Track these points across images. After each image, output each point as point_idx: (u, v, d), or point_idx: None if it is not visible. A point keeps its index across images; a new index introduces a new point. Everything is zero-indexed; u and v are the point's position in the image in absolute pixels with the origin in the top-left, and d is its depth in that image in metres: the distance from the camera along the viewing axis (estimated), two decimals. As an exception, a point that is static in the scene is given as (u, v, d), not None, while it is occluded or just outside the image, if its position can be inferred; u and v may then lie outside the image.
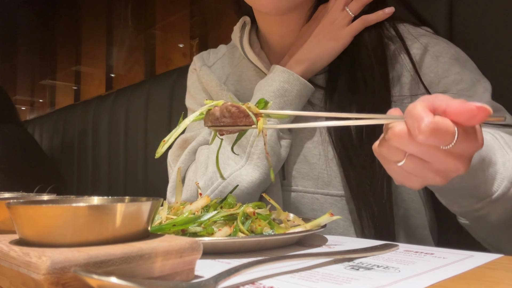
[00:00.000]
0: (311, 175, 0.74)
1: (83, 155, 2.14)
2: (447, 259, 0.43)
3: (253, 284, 0.34)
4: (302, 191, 0.75)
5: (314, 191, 0.74)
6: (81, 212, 0.32)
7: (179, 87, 1.56)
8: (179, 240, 0.35)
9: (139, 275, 0.31)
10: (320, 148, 0.74)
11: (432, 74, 0.71)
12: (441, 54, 0.71)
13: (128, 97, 1.85)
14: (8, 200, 0.38)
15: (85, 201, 0.42)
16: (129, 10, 3.01)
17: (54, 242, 0.32)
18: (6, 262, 0.32)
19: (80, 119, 2.19)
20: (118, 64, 3.17)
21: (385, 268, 0.40)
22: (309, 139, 0.75)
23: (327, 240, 0.57)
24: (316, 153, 0.74)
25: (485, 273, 0.39)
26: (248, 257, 0.45)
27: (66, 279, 0.28)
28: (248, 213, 0.53)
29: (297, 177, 0.75)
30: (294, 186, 0.76)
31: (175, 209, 0.56)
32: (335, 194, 0.73)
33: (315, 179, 0.74)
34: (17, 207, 0.32)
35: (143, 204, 0.35)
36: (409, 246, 0.51)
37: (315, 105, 0.76)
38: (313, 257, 0.42)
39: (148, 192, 1.65)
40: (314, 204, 0.74)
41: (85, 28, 3.50)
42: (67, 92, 3.91)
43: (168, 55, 2.77)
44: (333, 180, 0.73)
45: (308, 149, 0.75)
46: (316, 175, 0.74)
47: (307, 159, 0.75)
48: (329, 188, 0.73)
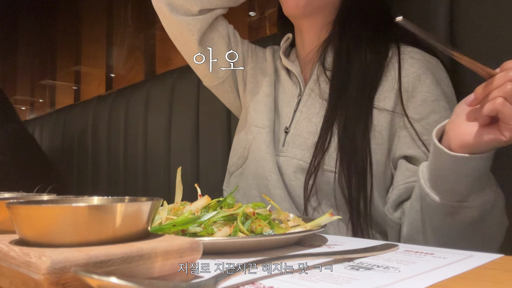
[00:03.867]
0: (302, 146, 0.84)
1: (83, 155, 2.14)
2: (447, 259, 0.43)
3: (253, 284, 0.34)
4: (290, 157, 0.84)
5: (300, 159, 0.83)
6: (81, 212, 0.32)
7: (179, 87, 1.56)
8: (179, 240, 0.35)
9: (139, 275, 0.31)
10: (315, 128, 0.83)
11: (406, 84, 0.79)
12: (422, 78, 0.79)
13: (128, 97, 1.85)
14: (8, 200, 0.38)
15: (85, 201, 0.42)
16: (129, 10, 3.01)
17: (54, 242, 0.32)
18: (6, 262, 0.32)
19: (80, 119, 2.19)
20: (118, 64, 3.17)
21: (385, 268, 0.40)
22: (310, 119, 0.85)
23: (327, 240, 0.57)
24: (310, 130, 0.84)
25: (485, 273, 0.39)
26: (248, 257, 0.45)
27: (66, 279, 0.28)
28: (248, 213, 0.53)
29: (292, 146, 0.85)
30: (287, 153, 0.85)
31: (175, 209, 0.56)
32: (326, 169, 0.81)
33: (304, 150, 0.83)
34: (17, 207, 0.32)
35: (143, 204, 0.35)
36: (409, 246, 0.51)
37: (321, 97, 0.85)
38: (313, 257, 0.42)
39: (148, 192, 1.65)
40: (296, 167, 0.83)
41: (85, 28, 3.50)
42: (67, 92, 3.91)
43: (168, 55, 2.76)
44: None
45: (306, 127, 0.85)
46: (306, 147, 0.83)
47: (302, 134, 0.85)
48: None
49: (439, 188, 0.63)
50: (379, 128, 0.79)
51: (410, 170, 0.76)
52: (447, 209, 0.63)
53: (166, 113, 1.58)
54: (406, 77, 0.79)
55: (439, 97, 0.78)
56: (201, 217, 0.50)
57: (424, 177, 0.66)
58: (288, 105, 0.92)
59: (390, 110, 0.79)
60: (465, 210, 0.62)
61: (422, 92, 0.78)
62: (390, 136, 0.79)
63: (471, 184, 0.60)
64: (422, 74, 0.79)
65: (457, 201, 0.62)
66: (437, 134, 0.64)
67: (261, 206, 0.55)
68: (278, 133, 0.91)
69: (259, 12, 2.13)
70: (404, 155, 0.78)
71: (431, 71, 0.80)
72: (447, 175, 0.61)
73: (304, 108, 0.88)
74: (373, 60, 0.82)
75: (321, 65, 0.87)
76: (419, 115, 0.78)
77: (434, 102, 0.77)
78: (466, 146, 0.58)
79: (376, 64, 0.82)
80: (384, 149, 0.79)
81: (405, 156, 0.78)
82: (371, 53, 0.82)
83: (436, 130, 0.64)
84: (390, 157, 0.80)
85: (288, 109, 0.91)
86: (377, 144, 0.79)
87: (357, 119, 0.79)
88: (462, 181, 0.60)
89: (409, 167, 0.77)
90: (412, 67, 0.80)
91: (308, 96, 0.88)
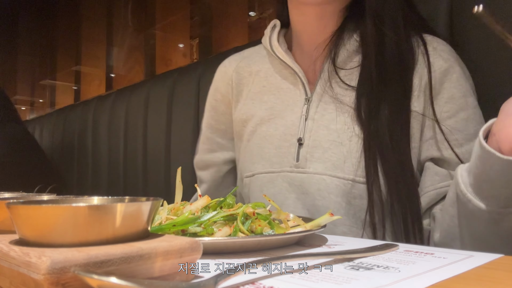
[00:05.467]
0: (322, 158, 0.74)
1: (83, 155, 2.14)
2: (447, 259, 0.43)
3: (253, 284, 0.34)
4: (311, 173, 0.75)
5: (322, 173, 0.74)
6: (81, 212, 0.32)
7: (179, 87, 1.56)
8: (179, 240, 0.35)
9: (139, 275, 0.31)
10: (335, 135, 0.74)
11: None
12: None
13: (128, 97, 1.85)
14: (8, 200, 0.38)
15: (85, 201, 0.42)
16: (129, 10, 3.01)
17: (54, 242, 0.32)
18: (6, 262, 0.31)
19: (80, 119, 2.19)
20: (118, 64, 3.17)
21: (385, 268, 0.40)
22: (327, 126, 0.76)
23: (327, 240, 0.57)
24: (330, 139, 0.74)
25: (485, 273, 0.39)
26: (248, 257, 0.45)
27: (66, 279, 0.28)
28: (248, 213, 0.53)
29: (310, 160, 0.75)
30: (306, 168, 0.76)
31: (175, 209, 0.56)
32: (341, 177, 0.72)
33: (326, 162, 0.74)
34: (17, 207, 0.32)
35: (143, 204, 0.35)
36: (409, 246, 0.51)
37: (337, 100, 0.76)
38: (313, 257, 0.42)
39: (147, 192, 1.65)
40: (320, 184, 0.74)
41: (85, 28, 3.50)
42: (67, 92, 3.92)
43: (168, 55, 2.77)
44: (343, 164, 0.73)
45: (323, 135, 0.75)
46: (328, 159, 0.74)
47: (321, 144, 0.75)
48: (337, 171, 0.73)
49: (484, 194, 0.58)
50: (412, 131, 0.72)
51: (439, 175, 0.71)
52: (493, 216, 0.57)
53: (166, 113, 1.58)
54: (433, 72, 0.72)
55: (467, 92, 0.71)
56: (201, 217, 0.50)
57: (464, 182, 0.60)
58: (292, 112, 0.80)
59: (420, 113, 0.72)
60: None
61: (450, 88, 0.71)
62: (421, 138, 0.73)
63: None
64: (449, 67, 0.72)
65: (504, 207, 0.56)
66: (483, 134, 0.57)
67: (261, 206, 0.55)
68: (282, 147, 0.79)
69: (259, 12, 2.14)
70: (431, 157, 0.72)
71: (458, 62, 0.73)
72: (495, 179, 0.56)
73: (316, 115, 0.77)
74: (405, 52, 0.73)
75: (331, 63, 0.77)
76: (446, 113, 0.71)
77: (462, 98, 0.71)
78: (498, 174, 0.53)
79: (409, 56, 0.73)
80: (417, 153, 0.73)
81: (432, 158, 0.72)
82: (400, 44, 0.73)
83: (482, 131, 0.57)
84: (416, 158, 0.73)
85: (294, 117, 0.79)
86: (412, 148, 0.72)
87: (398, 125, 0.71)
88: (511, 186, 0.55)
89: (438, 170, 0.71)
90: (438, 60, 0.73)
91: (319, 100, 0.78)
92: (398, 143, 0.70)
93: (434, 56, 0.73)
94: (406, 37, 0.74)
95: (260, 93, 0.86)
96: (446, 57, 0.73)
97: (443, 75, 0.72)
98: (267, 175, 0.80)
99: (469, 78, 0.74)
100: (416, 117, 0.72)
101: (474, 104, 0.72)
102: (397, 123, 0.71)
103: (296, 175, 0.76)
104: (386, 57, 0.72)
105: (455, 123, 0.71)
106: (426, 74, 0.73)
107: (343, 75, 0.77)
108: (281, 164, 0.79)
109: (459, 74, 0.72)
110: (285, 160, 0.78)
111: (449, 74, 0.72)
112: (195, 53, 2.81)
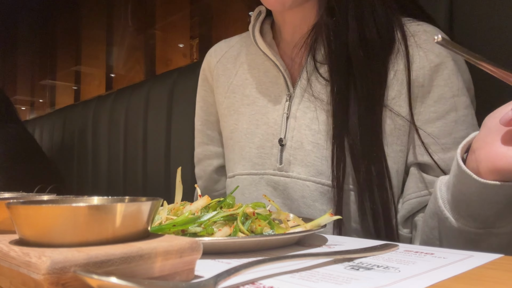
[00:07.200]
0: (305, 162, 0.71)
1: (83, 155, 2.14)
2: (447, 259, 0.43)
3: (253, 284, 0.34)
4: (295, 177, 0.71)
5: (306, 178, 0.71)
6: (81, 212, 0.32)
7: (179, 87, 1.56)
8: (179, 240, 0.35)
9: (139, 275, 0.31)
10: (317, 137, 0.71)
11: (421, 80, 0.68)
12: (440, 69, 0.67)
13: (128, 97, 1.85)
14: (8, 200, 0.38)
15: (85, 201, 0.42)
16: (129, 10, 3.01)
17: (54, 242, 0.32)
18: (6, 262, 0.31)
19: (80, 119, 2.19)
20: (118, 64, 3.17)
21: (385, 268, 0.40)
22: (308, 126, 0.72)
23: (327, 240, 0.57)
24: (313, 141, 0.71)
25: (485, 273, 0.38)
26: (248, 257, 0.45)
27: (66, 279, 0.28)
28: (248, 213, 0.53)
29: (293, 163, 0.72)
30: (290, 172, 0.72)
31: (175, 209, 0.56)
32: (325, 183, 0.69)
33: (309, 166, 0.70)
34: (17, 207, 0.32)
35: (143, 204, 0.35)
36: (409, 246, 0.51)
37: (317, 98, 0.72)
38: (313, 257, 0.42)
39: (147, 192, 1.65)
40: (304, 191, 0.71)
41: (85, 28, 3.50)
42: (67, 92, 3.92)
43: (168, 55, 2.77)
44: (326, 169, 0.69)
45: (305, 136, 0.72)
46: (311, 162, 0.70)
47: (303, 146, 0.71)
48: (321, 177, 0.70)
49: (461, 213, 0.55)
50: (397, 133, 0.67)
51: (424, 182, 0.67)
52: (470, 236, 0.55)
53: (166, 113, 1.58)
54: (422, 68, 0.67)
55: (459, 91, 0.66)
56: (201, 217, 0.50)
57: (443, 197, 0.57)
58: (274, 109, 0.76)
59: (404, 115, 0.67)
60: (490, 238, 0.54)
61: (440, 86, 0.66)
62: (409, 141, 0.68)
63: (500, 211, 0.52)
64: (440, 63, 0.66)
65: (482, 228, 0.53)
66: (462, 151, 0.54)
67: (261, 206, 0.55)
68: (264, 147, 0.75)
69: (259, 12, 2.14)
70: (416, 162, 0.68)
71: (452, 56, 0.66)
72: (472, 201, 0.53)
73: (298, 113, 0.73)
74: (379, 46, 0.67)
75: (312, 59, 0.72)
76: (435, 114, 0.66)
77: (453, 98, 0.66)
78: (498, 171, 0.49)
79: (384, 50, 0.68)
80: (404, 156, 0.68)
81: (417, 163, 0.68)
82: (375, 36, 0.67)
83: (461, 148, 0.54)
84: None
85: (276, 114, 0.75)
86: (396, 151, 0.68)
87: (371, 122, 0.66)
88: (489, 207, 0.52)
89: (422, 177, 0.67)
90: (429, 55, 0.67)
91: (301, 97, 0.73)
92: (368, 140, 0.66)
93: (424, 50, 0.67)
94: (385, 27, 0.67)
95: (242, 86, 0.82)
96: (437, 51, 0.67)
97: (434, 71, 0.67)
98: (248, 177, 0.77)
99: (464, 72, 0.69)
100: (402, 118, 0.68)
101: (465, 104, 0.67)
102: (368, 119, 0.66)
103: (280, 178, 0.73)
104: (350, 49, 0.67)
105: (444, 125, 0.66)
106: (414, 70, 0.67)
107: (324, 71, 0.72)
108: (263, 166, 0.75)
109: (451, 70, 0.67)
110: (268, 162, 0.75)
111: (440, 70, 0.67)
112: (195, 53, 2.82)
